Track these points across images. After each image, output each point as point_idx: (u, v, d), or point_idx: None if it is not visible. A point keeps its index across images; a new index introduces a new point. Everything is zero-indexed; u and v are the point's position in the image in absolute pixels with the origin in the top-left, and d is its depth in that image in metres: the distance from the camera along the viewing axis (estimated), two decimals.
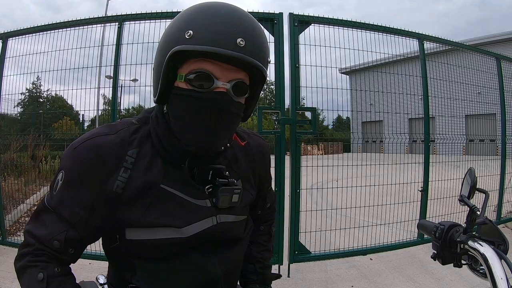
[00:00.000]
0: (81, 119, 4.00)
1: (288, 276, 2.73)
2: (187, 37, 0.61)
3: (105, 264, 0.81)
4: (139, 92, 3.09)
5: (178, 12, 0.97)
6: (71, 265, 0.70)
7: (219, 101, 0.64)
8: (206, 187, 0.72)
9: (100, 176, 0.65)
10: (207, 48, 0.60)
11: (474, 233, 0.72)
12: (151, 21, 2.80)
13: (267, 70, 0.69)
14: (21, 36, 3.21)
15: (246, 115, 0.73)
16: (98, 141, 0.66)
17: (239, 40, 0.61)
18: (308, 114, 2.94)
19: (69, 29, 3.02)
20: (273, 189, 0.99)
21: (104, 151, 0.65)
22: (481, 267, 0.70)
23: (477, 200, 0.76)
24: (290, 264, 2.78)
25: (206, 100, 0.64)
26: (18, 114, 4.58)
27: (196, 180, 0.71)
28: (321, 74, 2.92)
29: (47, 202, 0.67)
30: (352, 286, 2.60)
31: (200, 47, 0.61)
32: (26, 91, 5.44)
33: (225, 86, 0.64)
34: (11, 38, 3.23)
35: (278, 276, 0.99)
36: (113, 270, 0.77)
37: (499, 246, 0.70)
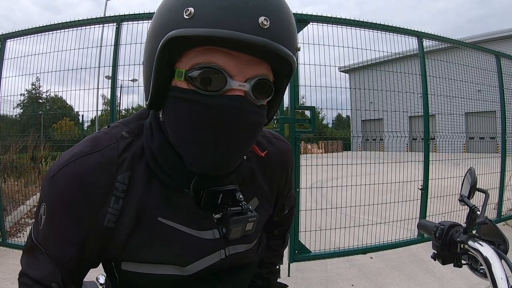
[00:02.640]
0: (80, 119, 4.00)
1: (288, 276, 2.73)
2: (186, 17, 0.45)
3: None
4: (138, 92, 3.10)
5: None
6: None
7: (235, 108, 0.48)
8: (215, 215, 0.59)
9: (86, 212, 0.53)
10: (216, 32, 0.44)
11: (474, 233, 0.72)
12: (149, 21, 2.79)
13: (296, 59, 0.52)
14: (19, 38, 3.20)
15: (267, 118, 0.57)
16: (78, 168, 0.53)
17: (262, 19, 0.45)
18: (307, 113, 2.94)
19: (67, 29, 3.02)
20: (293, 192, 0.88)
21: (87, 180, 0.52)
22: (481, 267, 0.69)
23: (477, 199, 0.76)
24: (290, 264, 2.78)
25: (216, 107, 0.48)
26: (17, 115, 4.58)
27: (202, 206, 0.56)
28: (320, 72, 2.92)
29: (35, 238, 0.57)
30: (353, 285, 2.60)
31: (205, 30, 0.44)
32: (26, 92, 5.43)
33: (242, 87, 0.48)
34: (9, 40, 3.22)
35: (284, 286, 0.91)
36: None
37: (499, 246, 0.69)
